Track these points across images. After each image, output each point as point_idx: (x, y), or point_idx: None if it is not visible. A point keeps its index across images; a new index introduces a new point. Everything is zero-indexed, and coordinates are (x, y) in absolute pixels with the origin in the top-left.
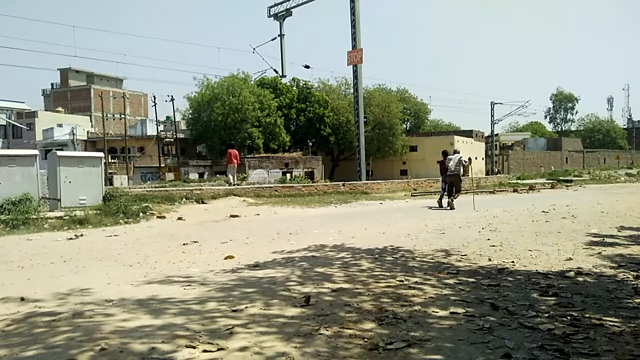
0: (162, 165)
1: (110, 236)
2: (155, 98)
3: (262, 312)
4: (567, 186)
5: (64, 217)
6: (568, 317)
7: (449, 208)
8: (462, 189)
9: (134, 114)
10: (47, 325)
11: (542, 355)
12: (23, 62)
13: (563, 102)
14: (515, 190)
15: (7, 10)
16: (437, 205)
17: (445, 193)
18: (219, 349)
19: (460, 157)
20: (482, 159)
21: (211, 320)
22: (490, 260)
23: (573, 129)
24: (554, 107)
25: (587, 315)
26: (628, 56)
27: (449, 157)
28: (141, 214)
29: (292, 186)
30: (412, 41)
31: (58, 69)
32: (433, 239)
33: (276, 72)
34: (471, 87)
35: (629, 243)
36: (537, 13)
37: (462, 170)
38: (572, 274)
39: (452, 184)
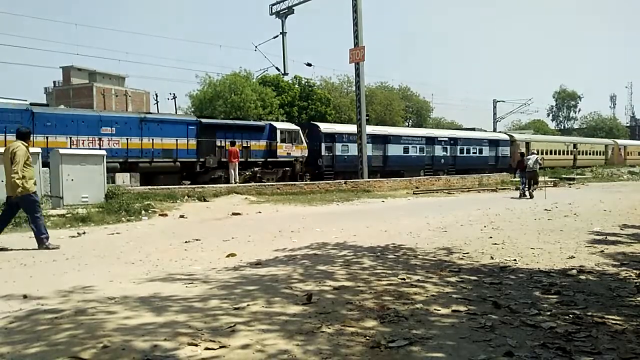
0: None
1: (113, 234)
2: (157, 96)
3: (264, 310)
4: (570, 184)
5: (67, 215)
6: (570, 316)
7: (528, 197)
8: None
9: None
10: (49, 322)
11: (544, 353)
12: (25, 60)
13: (566, 100)
14: (517, 189)
15: (9, 8)
16: (518, 196)
17: (526, 186)
18: (221, 347)
19: (537, 157)
20: None
21: (213, 318)
22: (492, 258)
23: (576, 126)
24: (556, 105)
25: (589, 313)
26: (631, 54)
27: (527, 157)
28: (143, 212)
29: (294, 184)
30: (413, 39)
31: (60, 67)
32: (435, 237)
33: (278, 69)
34: (473, 85)
35: (632, 241)
36: (538, 11)
37: (538, 167)
38: (574, 272)
39: (531, 178)
